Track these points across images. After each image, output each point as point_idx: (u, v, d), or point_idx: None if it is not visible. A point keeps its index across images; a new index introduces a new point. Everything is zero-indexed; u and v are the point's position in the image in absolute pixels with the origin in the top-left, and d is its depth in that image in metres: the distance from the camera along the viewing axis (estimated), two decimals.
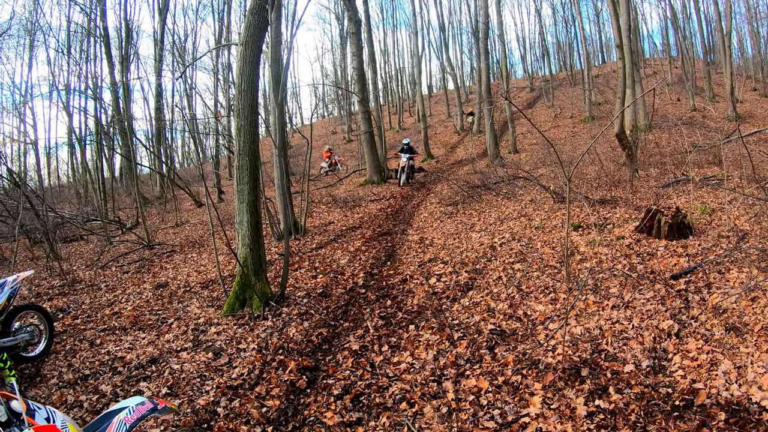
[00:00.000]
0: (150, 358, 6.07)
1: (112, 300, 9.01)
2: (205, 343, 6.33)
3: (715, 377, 3.98)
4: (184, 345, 6.37)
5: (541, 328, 5.38)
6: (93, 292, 9.75)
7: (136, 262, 12.19)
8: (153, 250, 13.40)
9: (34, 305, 6.74)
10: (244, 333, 6.45)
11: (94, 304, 8.83)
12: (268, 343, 5.98)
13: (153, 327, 7.24)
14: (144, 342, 6.69)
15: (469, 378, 4.50)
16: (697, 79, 32.65)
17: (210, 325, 6.95)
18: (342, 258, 9.76)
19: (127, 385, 5.46)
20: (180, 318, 7.45)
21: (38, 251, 14.31)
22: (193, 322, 7.15)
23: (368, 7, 24.24)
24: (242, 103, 7.28)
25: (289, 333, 6.20)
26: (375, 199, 16.83)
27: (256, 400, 4.71)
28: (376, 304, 7.01)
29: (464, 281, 7.27)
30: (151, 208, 22.05)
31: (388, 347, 5.49)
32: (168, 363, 5.86)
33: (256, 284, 7.20)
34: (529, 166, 17.54)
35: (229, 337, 6.35)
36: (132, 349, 6.47)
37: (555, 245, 8.23)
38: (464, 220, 11.49)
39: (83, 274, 11.50)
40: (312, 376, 5.12)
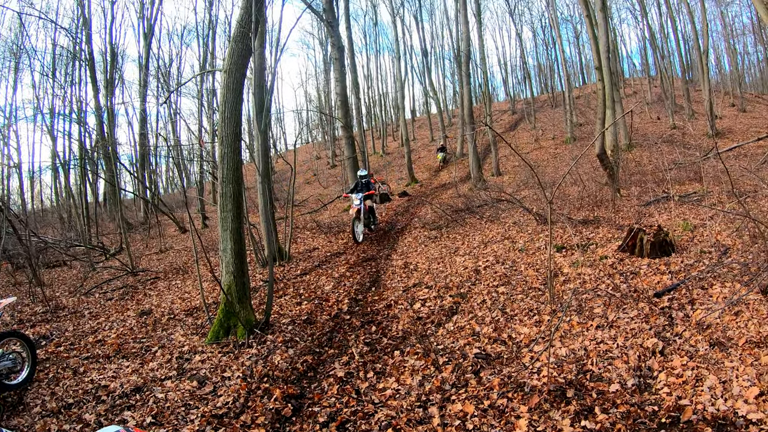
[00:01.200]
0: (134, 386, 5.98)
1: (95, 327, 8.89)
2: (189, 371, 6.25)
3: (700, 393, 4.00)
4: (168, 373, 6.28)
5: (526, 350, 5.39)
6: (76, 319, 9.62)
7: (119, 289, 12.07)
8: (137, 276, 13.28)
9: (17, 332, 6.63)
10: (228, 361, 6.38)
11: (78, 332, 8.71)
12: (253, 371, 5.91)
13: (137, 355, 7.14)
14: (128, 370, 6.58)
15: (454, 402, 4.48)
16: (677, 97, 33.19)
17: (194, 353, 6.87)
18: (327, 284, 9.72)
19: (111, 414, 5.37)
20: (164, 346, 7.35)
21: (21, 276, 14.13)
22: (177, 350, 7.06)
23: (351, 33, 24.52)
24: (226, 131, 7.28)
25: (274, 360, 6.15)
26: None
27: (241, 429, 4.65)
28: (361, 331, 6.98)
29: (449, 306, 7.27)
30: (135, 233, 21.84)
31: (373, 373, 5.45)
32: (152, 391, 5.78)
33: (241, 312, 7.14)
34: (512, 188, 17.68)
35: (214, 365, 6.28)
36: (116, 377, 6.38)
37: (539, 267, 8.27)
38: (448, 244, 11.52)
39: (66, 301, 11.36)
40: (297, 404, 5.06)
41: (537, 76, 53.69)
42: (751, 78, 49.21)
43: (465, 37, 22.77)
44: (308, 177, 33.32)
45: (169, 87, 26.88)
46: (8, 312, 10.04)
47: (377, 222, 15.77)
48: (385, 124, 45.50)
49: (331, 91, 37.14)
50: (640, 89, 40.94)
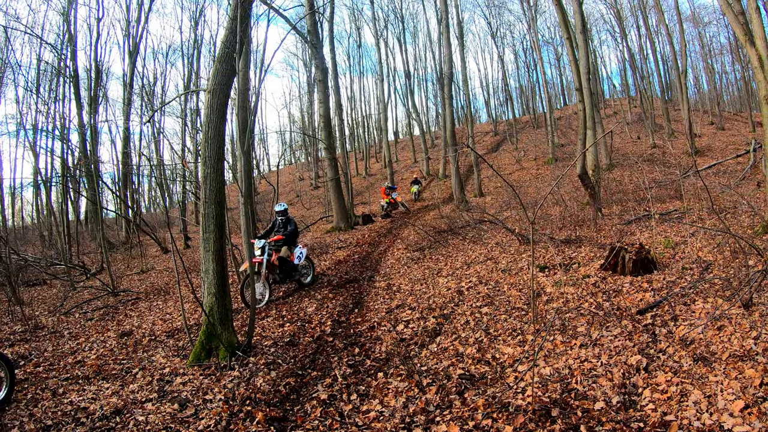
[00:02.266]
0: (114, 408, 5.86)
1: (75, 348, 8.76)
2: (170, 393, 6.16)
3: (686, 408, 4.03)
4: (149, 396, 6.18)
5: (510, 370, 5.38)
6: (56, 339, 9.47)
7: (100, 309, 11.91)
8: (118, 296, 13.13)
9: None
10: (210, 383, 6.29)
11: (57, 352, 8.57)
12: (235, 394, 5.83)
13: (117, 377, 7.03)
14: (108, 392, 6.47)
15: (439, 424, 4.44)
16: (656, 116, 33.81)
17: (176, 375, 6.77)
18: (309, 306, 9.67)
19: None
20: (145, 368, 7.24)
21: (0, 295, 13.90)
22: (158, 372, 6.95)
23: (335, 55, 24.77)
24: (209, 151, 7.25)
25: (257, 383, 6.07)
26: (342, 246, 16.76)
27: None
28: (344, 353, 6.93)
29: (432, 327, 7.25)
30: (117, 253, 21.64)
31: (356, 395, 5.40)
32: (132, 414, 5.68)
33: (222, 334, 7.07)
34: (495, 209, 17.80)
35: (195, 388, 6.19)
36: (96, 399, 6.26)
37: (522, 287, 8.30)
38: (431, 265, 11.53)
39: (46, 320, 11.19)
40: (280, 427, 4.99)
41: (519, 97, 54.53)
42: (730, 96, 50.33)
43: (447, 59, 23.02)
44: (291, 198, 33.29)
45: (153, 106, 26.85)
46: None
47: (302, 273, 11.44)
48: (368, 145, 45.74)
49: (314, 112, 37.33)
50: (621, 109, 41.64)
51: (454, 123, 24.60)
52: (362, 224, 20.89)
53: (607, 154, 22.37)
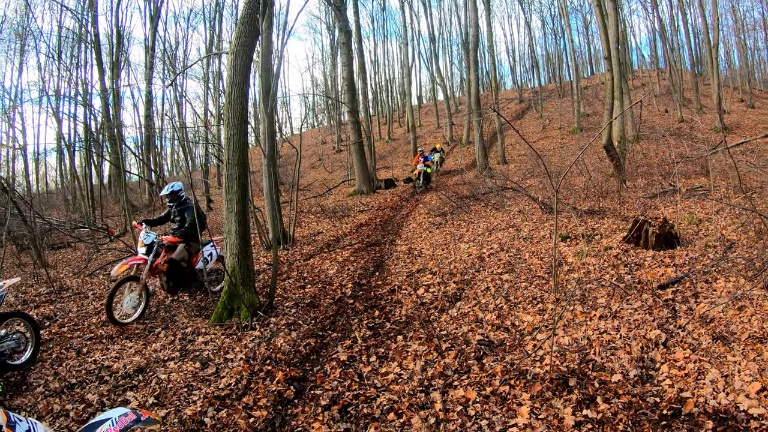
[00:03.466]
0: (137, 367, 6.00)
1: (99, 308, 8.89)
2: (192, 352, 6.28)
3: (702, 386, 4.00)
4: (171, 354, 6.31)
5: (529, 338, 5.39)
6: (80, 300, 9.63)
7: None
8: None
9: (21, 313, 6.65)
10: (231, 343, 6.40)
11: (81, 313, 8.72)
12: (255, 353, 5.93)
13: (140, 336, 7.17)
14: (131, 351, 6.61)
15: (457, 388, 4.48)
16: (685, 90, 32.96)
17: (197, 334, 6.90)
18: (330, 268, 9.73)
19: (114, 395, 5.39)
20: (167, 327, 7.38)
21: (25, 258, 14.18)
22: (180, 332, 7.09)
23: (359, 18, 24.38)
24: (232, 113, 7.25)
25: (277, 343, 6.17)
26: (364, 209, 16.79)
27: (243, 411, 4.67)
28: (364, 315, 6.99)
29: (452, 292, 7.27)
30: (140, 215, 21.78)
31: (376, 358, 5.46)
32: (155, 372, 5.81)
33: (244, 294, 7.17)
34: (518, 177, 17.62)
35: (217, 347, 6.31)
36: (119, 358, 6.40)
37: (543, 256, 8.26)
38: (453, 230, 11.51)
39: (70, 282, 11.37)
40: (300, 387, 5.08)
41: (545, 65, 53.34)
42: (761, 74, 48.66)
43: (473, 23, 22.61)
44: (313, 162, 33.27)
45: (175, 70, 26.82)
46: (12, 293, 10.08)
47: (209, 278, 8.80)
48: (391, 109, 45.25)
49: (337, 75, 37.04)
50: (649, 81, 40.67)
51: (479, 89, 24.16)
52: (384, 188, 20.85)
53: (634, 126, 21.93)
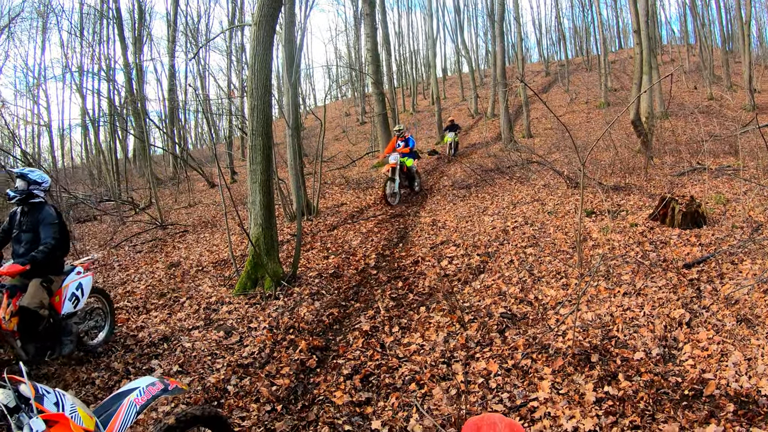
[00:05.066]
0: (162, 336, 6.14)
1: (125, 279, 9.11)
2: (216, 321, 6.39)
3: (725, 368, 3.94)
4: (195, 323, 6.43)
5: (552, 312, 5.37)
6: (106, 272, 9.83)
7: (149, 242, 12.29)
8: (166, 229, 13.48)
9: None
10: (255, 312, 6.50)
11: (107, 283, 8.90)
12: (279, 323, 6.02)
13: (165, 306, 7.31)
14: (156, 320, 6.75)
15: (478, 361, 4.51)
16: (715, 67, 32.05)
17: (222, 303, 7.00)
18: (354, 239, 9.75)
19: (139, 363, 5.52)
20: (192, 297, 7.50)
21: None
22: (204, 301, 7.20)
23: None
24: (255, 83, 7.25)
25: (300, 313, 6.25)
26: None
27: (266, 379, 4.76)
28: (387, 286, 7.01)
29: (476, 264, 7.24)
30: (165, 188, 22.10)
31: (398, 328, 5.51)
32: (179, 341, 5.93)
33: (268, 264, 7.23)
34: (543, 150, 17.36)
35: (241, 316, 6.41)
36: (144, 327, 6.54)
37: (568, 230, 8.19)
38: (477, 203, 11.44)
39: (96, 254, 11.58)
40: (322, 356, 5.16)
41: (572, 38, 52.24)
42: None
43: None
44: (337, 134, 33.13)
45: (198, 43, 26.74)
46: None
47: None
48: (415, 82, 44.67)
49: (361, 47, 36.60)
50: (678, 57, 39.60)
51: (505, 61, 23.75)
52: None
53: (662, 102, 21.41)
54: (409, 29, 55.35)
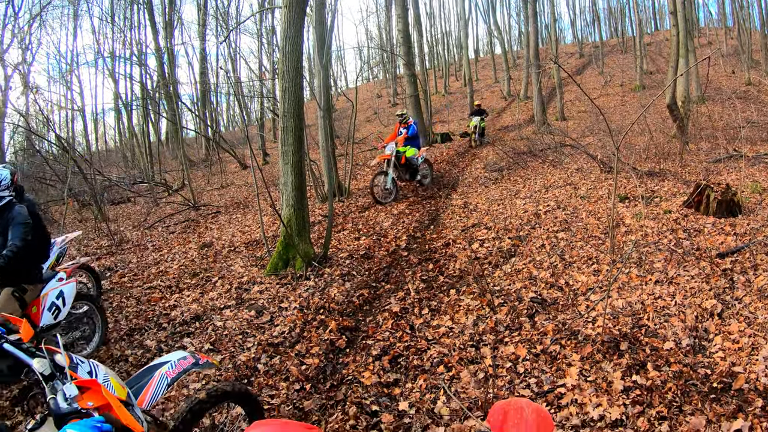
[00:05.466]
0: (194, 315, 6.28)
1: (158, 259, 9.27)
2: (247, 301, 6.51)
3: (755, 362, 3.85)
4: (227, 303, 6.55)
5: (583, 299, 5.33)
6: (140, 252, 10.02)
7: (181, 223, 12.49)
8: (198, 210, 13.67)
9: (83, 264, 6.97)
10: (286, 292, 6.58)
11: (141, 263, 9.09)
12: (309, 303, 6.10)
13: (197, 285, 7.45)
14: (188, 299, 6.89)
15: (507, 345, 4.51)
16: (754, 51, 31.00)
17: (253, 283, 7.11)
18: (385, 220, 9.77)
19: (171, 341, 5.66)
20: (224, 277, 7.63)
21: (86, 213, 14.77)
22: (236, 281, 7.31)
23: None
24: (287, 65, 7.28)
25: (331, 293, 6.31)
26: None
27: (296, 358, 4.84)
28: (418, 268, 7.02)
29: (507, 248, 7.21)
30: (197, 170, 22.37)
31: (428, 310, 5.53)
32: (211, 320, 6.06)
33: (300, 244, 7.30)
34: (577, 134, 17.11)
35: (272, 296, 6.51)
36: (177, 306, 6.69)
37: (600, 216, 8.09)
38: (509, 186, 11.36)
39: (130, 235, 11.81)
40: (352, 337, 5.22)
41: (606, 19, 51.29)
42: None
43: None
44: (369, 115, 33.04)
45: (228, 26, 26.86)
46: (74, 246, 10.54)
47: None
48: (447, 63, 44.21)
49: (392, 28, 36.36)
50: (716, 40, 38.41)
51: (538, 42, 23.35)
52: (440, 142, 20.56)
53: (699, 86, 20.86)
54: (441, 10, 54.87)
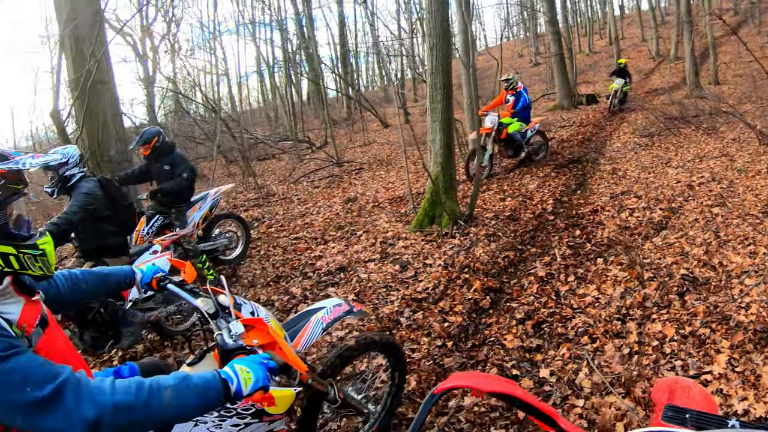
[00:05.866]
0: (339, 266, 6.62)
1: (303, 212, 9.78)
2: (392, 255, 6.75)
3: None
4: (371, 256, 6.84)
5: (737, 281, 4.97)
6: (286, 204, 10.63)
7: (326, 178, 12.99)
8: (342, 167, 14.08)
9: (233, 214, 7.68)
10: (431, 249, 6.74)
11: (287, 215, 9.66)
12: (454, 261, 6.20)
13: (342, 238, 7.82)
14: (334, 251, 7.27)
15: (654, 322, 4.36)
16: None
17: (398, 239, 7.34)
18: (531, 183, 9.61)
19: (316, 289, 6.03)
20: (368, 231, 7.95)
21: (234, 169, 15.85)
22: (381, 235, 7.60)
23: None
24: (433, 22, 7.28)
25: (476, 253, 6.36)
26: (564, 125, 16.11)
27: (438, 315, 4.97)
28: (564, 233, 6.91)
29: (658, 219, 6.89)
30: (339, 128, 22.87)
31: (574, 278, 5.45)
32: (356, 271, 6.37)
33: (446, 202, 7.40)
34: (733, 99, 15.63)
35: (416, 252, 6.69)
36: (322, 257, 7.08)
37: (759, 192, 7.43)
38: (660, 153, 10.73)
39: (276, 189, 12.55)
40: (495, 298, 5.27)
41: None
42: None
43: None
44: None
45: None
46: (224, 198, 11.37)
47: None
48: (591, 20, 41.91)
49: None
50: None
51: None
52: (586, 104, 19.70)
53: None
54: None
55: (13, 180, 1.61)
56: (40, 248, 1.65)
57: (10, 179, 1.60)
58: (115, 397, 1.47)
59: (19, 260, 1.60)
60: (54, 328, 1.80)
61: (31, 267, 1.63)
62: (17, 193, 1.63)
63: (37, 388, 1.38)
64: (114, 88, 7.98)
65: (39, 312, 1.72)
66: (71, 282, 2.21)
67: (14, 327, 1.55)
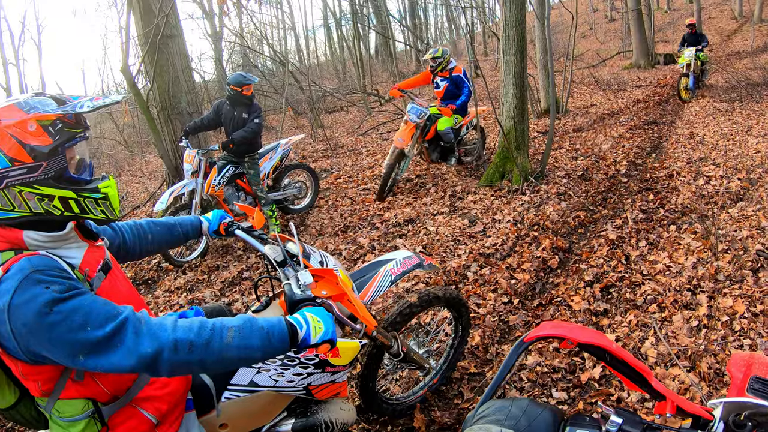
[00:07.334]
0: (407, 218, 6.66)
1: (372, 164, 9.82)
2: (461, 209, 6.75)
3: None
4: (440, 209, 6.85)
5: None
6: (354, 156, 10.69)
7: (394, 131, 12.77)
8: None
9: (302, 164, 7.73)
10: (500, 205, 6.71)
11: (356, 166, 9.73)
12: (523, 218, 6.16)
13: (411, 190, 7.86)
14: (402, 203, 7.32)
15: (726, 297, 4.18)
16: None
17: (467, 193, 7.33)
18: (604, 143, 9.36)
19: (384, 240, 6.11)
20: (438, 184, 7.94)
21: (302, 121, 15.98)
22: (450, 189, 7.58)
23: None
24: None
25: (546, 211, 6.29)
26: (641, 84, 15.50)
27: (506, 271, 4.96)
28: (637, 196, 6.72)
29: (735, 189, 6.57)
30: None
31: (645, 243, 5.32)
32: (424, 224, 6.40)
33: (518, 158, 7.31)
34: None
35: (486, 207, 6.68)
36: (390, 208, 7.14)
37: None
38: (740, 120, 10.16)
39: (345, 140, 12.61)
40: (564, 258, 5.22)
41: None
42: None
43: None
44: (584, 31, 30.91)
45: None
46: (294, 149, 11.55)
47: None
48: None
49: None
50: None
51: None
52: (663, 64, 18.86)
53: None
54: None
55: (71, 124, 1.60)
56: (102, 192, 1.67)
57: (68, 123, 1.59)
58: (176, 334, 1.49)
59: (79, 204, 1.62)
60: (116, 273, 1.84)
61: (93, 211, 1.66)
62: (76, 137, 1.61)
63: (98, 328, 1.42)
64: (183, 42, 8.17)
65: (102, 257, 1.77)
66: (137, 233, 2.26)
67: (76, 271, 1.59)
